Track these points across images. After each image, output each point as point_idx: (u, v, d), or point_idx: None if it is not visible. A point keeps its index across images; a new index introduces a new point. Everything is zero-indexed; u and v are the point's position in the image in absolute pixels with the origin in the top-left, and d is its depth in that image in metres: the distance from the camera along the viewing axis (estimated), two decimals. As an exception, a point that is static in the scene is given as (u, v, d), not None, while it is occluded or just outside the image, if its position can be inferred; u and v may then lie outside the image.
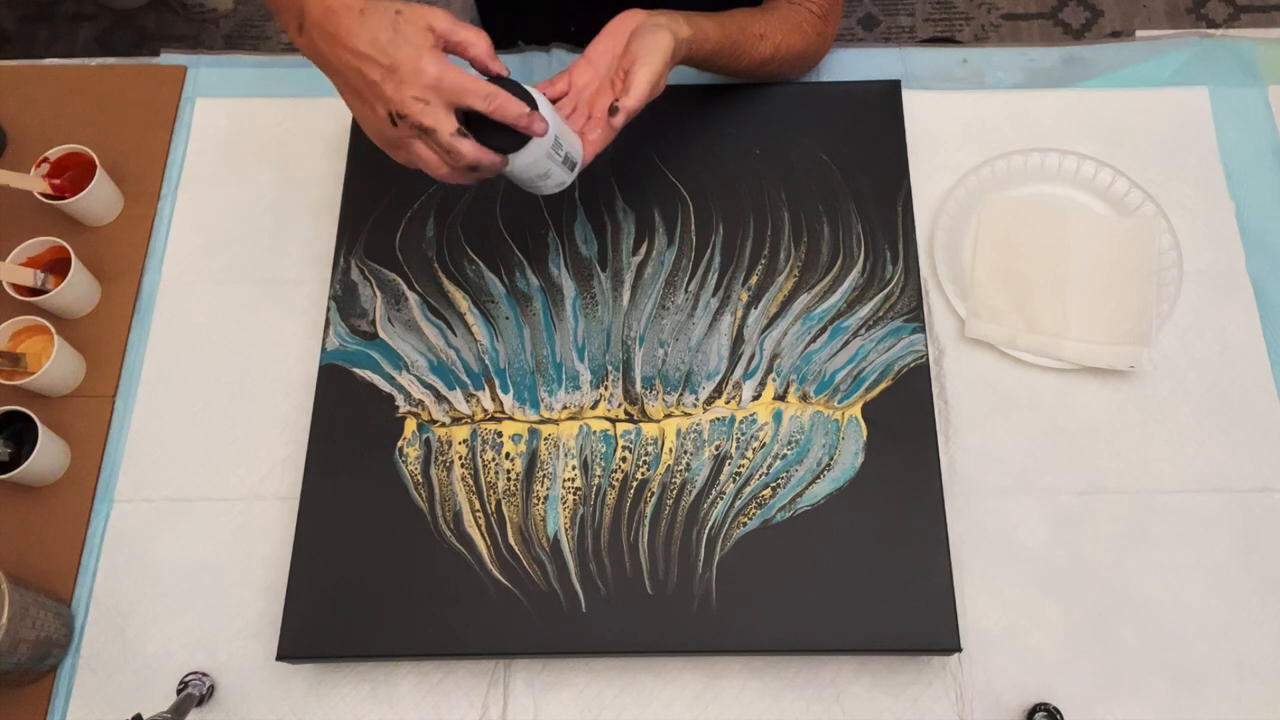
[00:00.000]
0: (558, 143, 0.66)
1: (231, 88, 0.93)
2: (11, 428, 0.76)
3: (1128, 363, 0.77)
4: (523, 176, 0.68)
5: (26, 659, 0.70)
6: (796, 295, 0.78)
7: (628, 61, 0.69)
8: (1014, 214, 0.83)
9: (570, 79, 0.71)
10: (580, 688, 0.72)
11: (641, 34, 0.69)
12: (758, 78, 0.84)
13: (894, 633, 0.68)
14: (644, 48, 0.69)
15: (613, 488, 0.73)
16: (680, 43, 0.70)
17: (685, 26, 0.71)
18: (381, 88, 0.60)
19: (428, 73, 0.59)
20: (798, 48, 0.82)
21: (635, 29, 0.70)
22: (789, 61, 0.82)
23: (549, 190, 0.71)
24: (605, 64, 0.71)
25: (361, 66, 0.60)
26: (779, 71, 0.83)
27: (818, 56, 0.87)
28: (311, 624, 0.70)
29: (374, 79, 0.60)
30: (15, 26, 1.94)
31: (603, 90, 0.70)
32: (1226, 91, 0.89)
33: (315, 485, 0.73)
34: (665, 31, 0.69)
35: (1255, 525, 0.74)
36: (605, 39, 0.71)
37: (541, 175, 0.68)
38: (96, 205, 0.86)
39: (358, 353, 0.78)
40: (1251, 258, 0.83)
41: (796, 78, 0.88)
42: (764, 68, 0.81)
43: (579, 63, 0.71)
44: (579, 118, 0.70)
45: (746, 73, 0.81)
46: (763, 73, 0.82)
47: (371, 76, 0.60)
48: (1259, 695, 0.70)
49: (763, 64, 0.80)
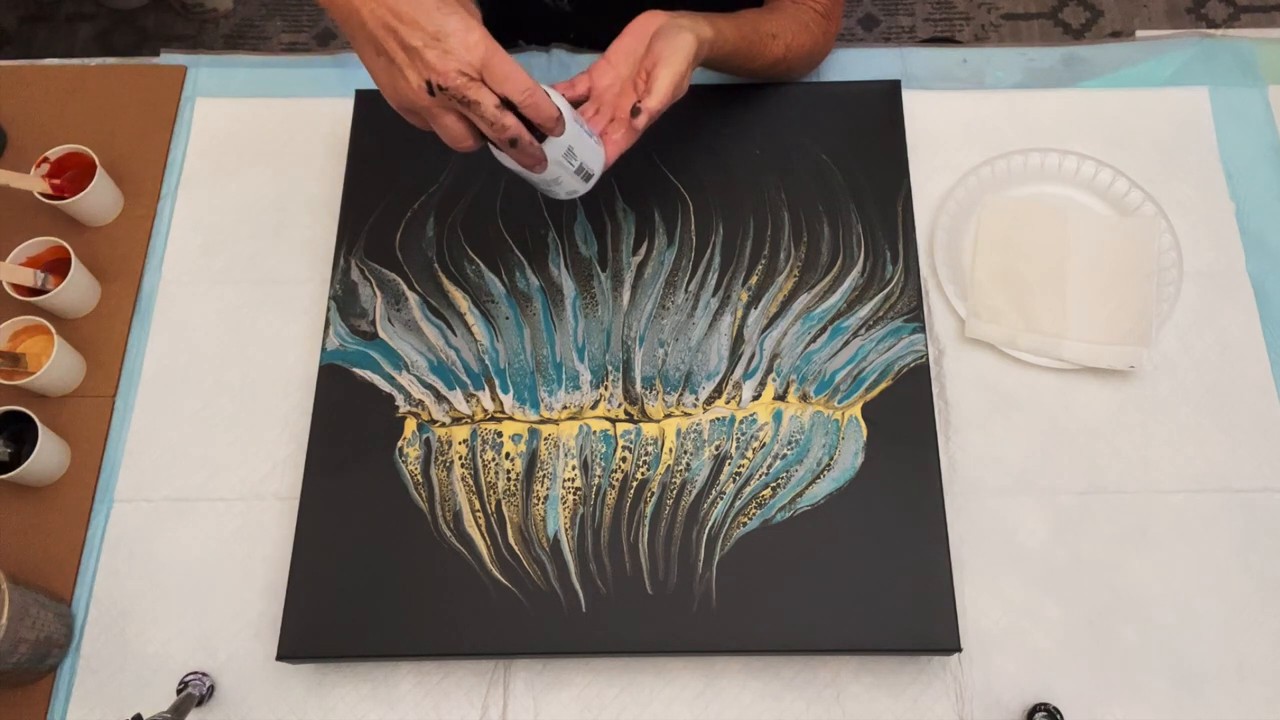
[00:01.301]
0: (571, 151, 0.65)
1: (231, 88, 0.93)
2: (11, 428, 0.76)
3: (1128, 363, 0.77)
4: (532, 177, 0.67)
5: (26, 659, 0.70)
6: (796, 295, 0.78)
7: (649, 62, 0.68)
8: (1014, 214, 0.83)
9: (591, 81, 0.70)
10: (580, 688, 0.72)
11: (664, 35, 0.69)
12: (766, 78, 0.84)
13: (894, 633, 0.68)
14: (667, 48, 0.68)
15: (613, 488, 0.73)
16: (703, 44, 0.70)
17: (707, 28, 0.71)
18: (423, 55, 0.57)
19: (478, 49, 0.57)
20: (806, 46, 0.82)
21: (657, 30, 0.69)
22: (798, 60, 0.82)
23: (561, 195, 0.70)
24: (627, 65, 0.70)
25: (400, 29, 0.57)
26: (788, 71, 0.83)
27: (822, 55, 0.87)
28: (311, 624, 0.70)
29: (414, 44, 0.57)
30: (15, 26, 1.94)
31: (625, 91, 0.70)
32: (1226, 91, 0.89)
33: (315, 485, 0.73)
34: (688, 33, 0.69)
35: (1255, 525, 0.74)
36: (627, 39, 0.70)
37: (552, 180, 0.67)
38: (96, 205, 0.86)
39: (358, 353, 0.78)
40: (1251, 258, 0.83)
41: (801, 77, 0.88)
42: (775, 68, 0.81)
43: (599, 64, 0.70)
44: (601, 119, 0.69)
45: (758, 73, 0.81)
46: (773, 73, 0.82)
47: (412, 42, 0.57)
48: (1259, 695, 0.70)
49: (774, 64, 0.80)
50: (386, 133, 0.83)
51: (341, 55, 0.94)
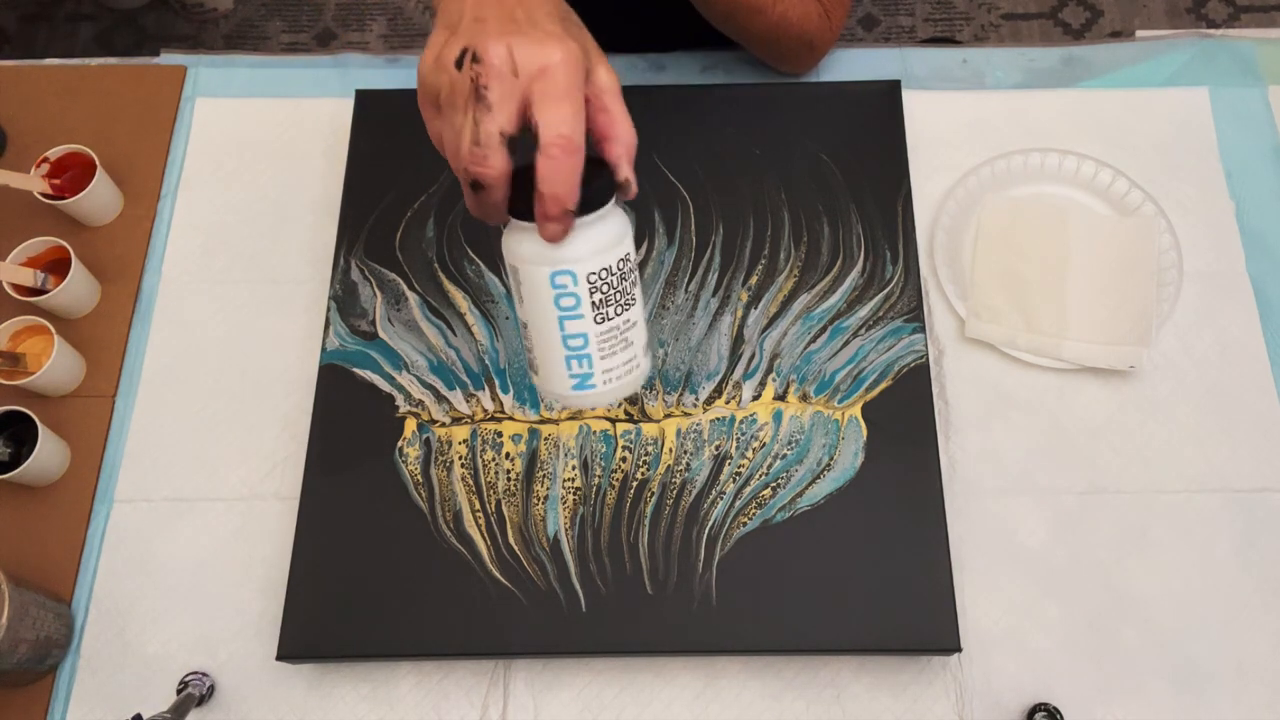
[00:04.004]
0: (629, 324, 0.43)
1: (231, 88, 0.93)
2: (11, 428, 0.76)
3: (1128, 363, 0.77)
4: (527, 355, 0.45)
5: (26, 659, 0.70)
6: (796, 295, 0.78)
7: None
8: (1014, 214, 0.83)
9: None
10: (580, 688, 0.72)
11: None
12: (759, 39, 0.82)
13: (894, 633, 0.68)
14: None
15: (613, 487, 0.73)
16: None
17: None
18: (486, 25, 0.45)
19: (549, 44, 0.44)
20: (797, 19, 0.80)
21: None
22: (793, 29, 0.80)
23: (539, 383, 0.49)
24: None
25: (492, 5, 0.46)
26: (781, 37, 0.81)
27: (822, 44, 0.85)
28: (311, 624, 0.70)
29: (487, 16, 0.46)
30: (15, 26, 1.95)
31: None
32: (1226, 91, 0.89)
33: (315, 485, 0.73)
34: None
35: (1255, 525, 0.74)
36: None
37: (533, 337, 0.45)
38: (96, 205, 0.86)
39: (358, 353, 0.78)
40: (1251, 258, 0.83)
41: (799, 69, 0.87)
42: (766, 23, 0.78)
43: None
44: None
45: (748, 28, 0.79)
46: (762, 29, 0.80)
47: (486, 14, 0.46)
48: (1259, 695, 0.70)
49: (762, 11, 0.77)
50: (387, 133, 0.84)
51: (342, 55, 0.94)
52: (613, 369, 0.45)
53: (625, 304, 0.44)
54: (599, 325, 0.44)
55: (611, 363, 0.45)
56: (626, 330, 0.44)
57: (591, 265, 0.43)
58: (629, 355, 0.45)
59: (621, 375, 0.45)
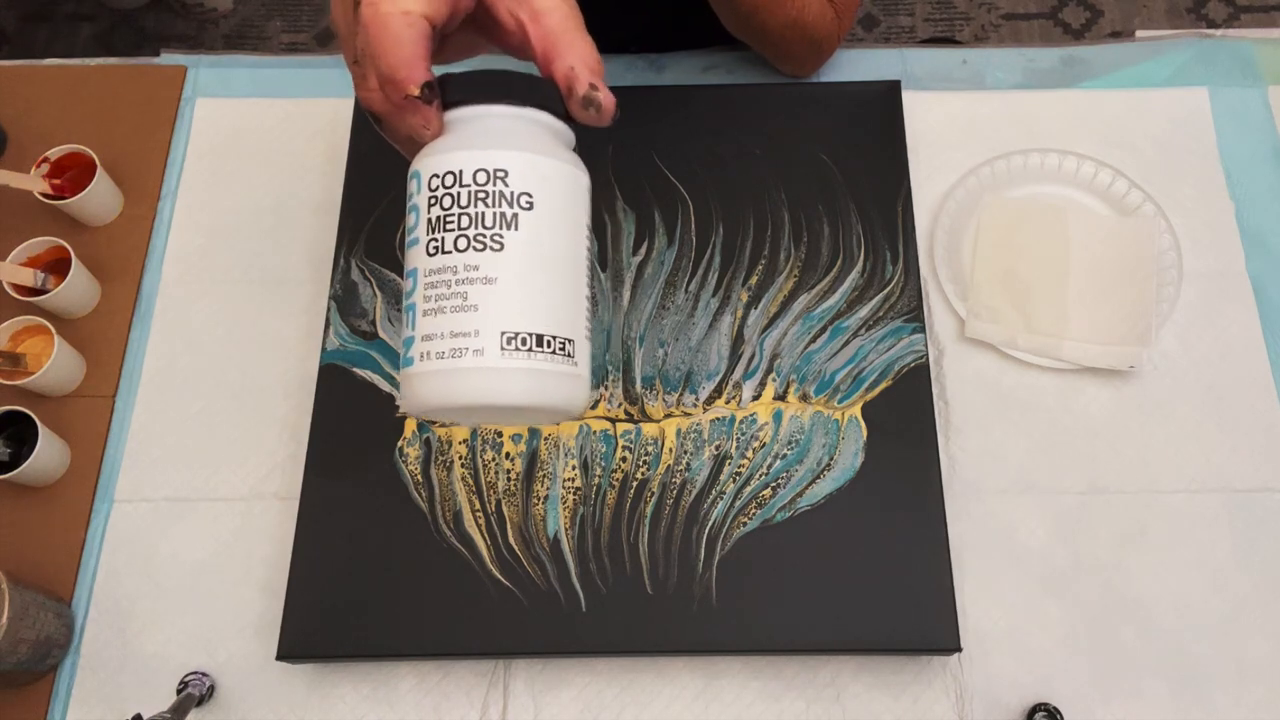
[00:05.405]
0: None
1: (231, 88, 0.93)
2: (11, 428, 0.76)
3: (1128, 363, 0.77)
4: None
5: (26, 659, 0.70)
6: (796, 295, 0.78)
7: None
8: (1014, 214, 0.83)
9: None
10: (580, 688, 0.72)
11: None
12: (773, 37, 0.82)
13: (894, 633, 0.68)
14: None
15: (613, 487, 0.73)
16: None
17: None
18: None
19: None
20: (813, 19, 0.80)
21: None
22: (808, 29, 0.80)
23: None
24: None
25: None
26: (795, 36, 0.81)
27: (829, 46, 0.85)
28: (311, 624, 0.70)
29: None
30: (15, 26, 1.95)
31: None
32: (1226, 92, 0.89)
33: (315, 485, 0.73)
34: None
35: (1255, 525, 0.74)
36: None
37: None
38: (96, 205, 0.86)
39: (358, 353, 0.78)
40: (1251, 258, 0.83)
41: (803, 71, 0.87)
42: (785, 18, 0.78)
43: None
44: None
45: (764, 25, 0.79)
46: (779, 25, 0.79)
47: None
48: (1259, 695, 0.70)
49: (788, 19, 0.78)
50: (386, 133, 0.83)
51: (341, 55, 0.94)
52: (434, 336, 0.30)
53: (483, 242, 0.29)
54: (430, 257, 0.31)
55: (435, 326, 0.29)
56: (470, 281, 0.29)
57: (436, 166, 0.32)
58: (466, 326, 0.29)
59: (446, 356, 0.29)
